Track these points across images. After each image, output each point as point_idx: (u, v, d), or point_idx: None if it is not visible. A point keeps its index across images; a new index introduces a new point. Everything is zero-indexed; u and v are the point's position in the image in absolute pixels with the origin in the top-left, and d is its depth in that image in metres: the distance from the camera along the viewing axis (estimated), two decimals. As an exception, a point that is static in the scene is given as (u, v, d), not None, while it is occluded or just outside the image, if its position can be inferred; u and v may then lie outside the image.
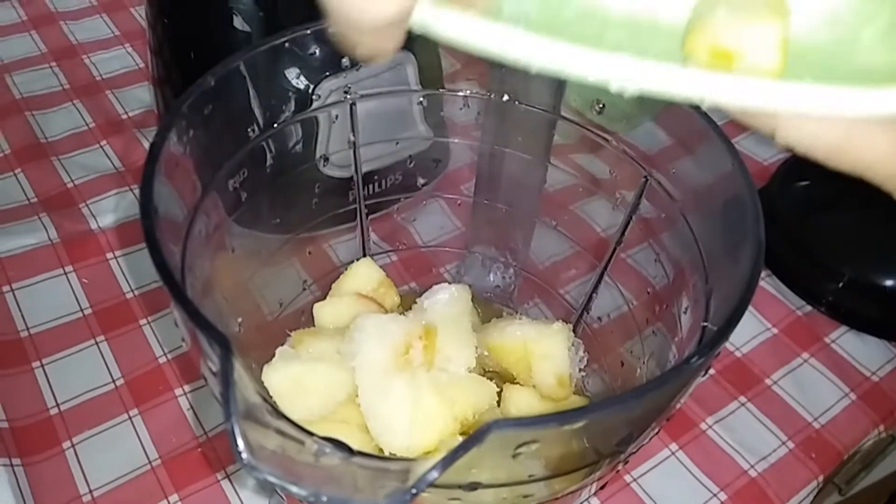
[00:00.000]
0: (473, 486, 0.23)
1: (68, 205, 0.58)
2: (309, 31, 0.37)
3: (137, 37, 0.74)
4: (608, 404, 0.22)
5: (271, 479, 0.20)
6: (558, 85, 0.38)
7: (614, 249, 0.40)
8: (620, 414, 0.23)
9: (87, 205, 0.58)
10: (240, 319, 0.37)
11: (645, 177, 0.36)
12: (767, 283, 0.58)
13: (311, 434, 0.22)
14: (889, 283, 0.55)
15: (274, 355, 0.36)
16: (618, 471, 0.29)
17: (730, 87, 0.20)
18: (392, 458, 0.22)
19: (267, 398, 0.29)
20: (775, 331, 0.55)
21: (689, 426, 0.49)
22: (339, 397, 0.35)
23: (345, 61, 0.39)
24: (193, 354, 0.25)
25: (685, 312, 0.33)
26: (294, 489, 0.20)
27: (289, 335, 0.39)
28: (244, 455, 0.20)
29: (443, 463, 0.21)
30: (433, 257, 0.53)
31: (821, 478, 0.48)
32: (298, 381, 0.35)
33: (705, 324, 0.28)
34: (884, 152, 0.25)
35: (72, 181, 0.60)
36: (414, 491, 0.20)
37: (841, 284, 0.56)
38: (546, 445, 0.22)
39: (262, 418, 0.22)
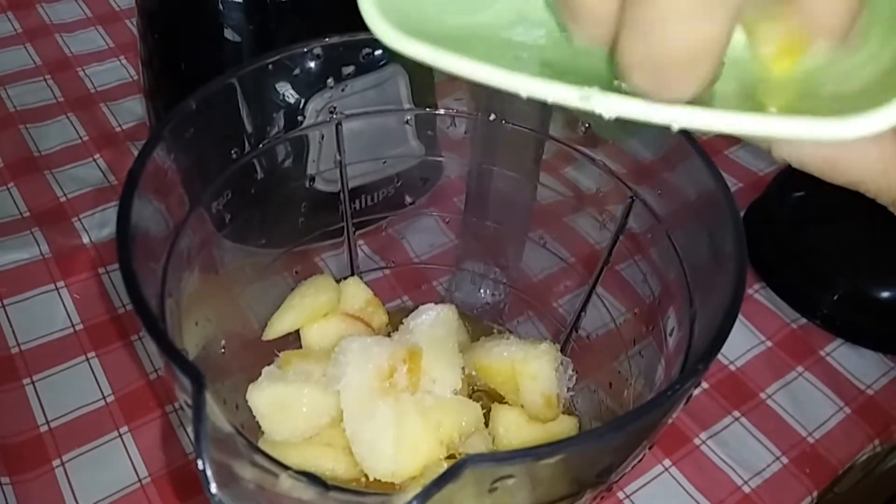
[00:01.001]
0: (451, 520, 0.23)
1: (61, 219, 0.58)
2: (290, 52, 0.36)
3: (132, 49, 0.74)
4: (585, 439, 0.22)
5: (243, 516, 0.20)
6: (544, 104, 0.38)
7: (602, 268, 0.40)
8: (598, 447, 0.22)
9: (79, 219, 0.58)
10: (224, 340, 0.36)
11: (631, 197, 0.36)
12: (761, 296, 0.58)
13: (286, 467, 0.22)
14: (885, 295, 0.55)
15: (261, 374, 0.36)
16: (603, 497, 0.29)
17: (709, 117, 0.20)
18: (367, 492, 0.22)
19: (244, 426, 0.29)
20: (769, 344, 0.55)
21: (682, 441, 0.49)
22: (324, 420, 0.34)
23: (330, 80, 0.39)
24: (168, 382, 0.25)
25: (671, 333, 0.33)
26: (266, 527, 0.20)
27: (276, 355, 0.39)
28: (215, 492, 0.20)
29: (419, 499, 0.21)
30: (425, 272, 0.53)
31: (815, 493, 0.47)
32: (283, 402, 0.34)
33: (688, 349, 0.27)
34: (874, 166, 0.25)
35: (64, 195, 0.60)
36: (388, 528, 0.20)
37: (836, 297, 0.56)
38: (523, 479, 0.22)
39: (237, 450, 0.22)
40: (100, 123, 0.67)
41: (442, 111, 0.41)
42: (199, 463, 0.20)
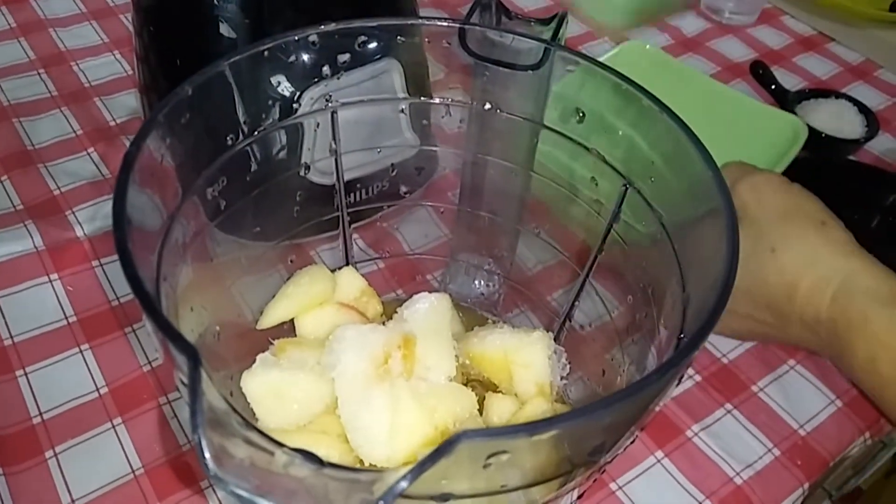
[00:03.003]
0: (445, 497, 0.23)
1: (54, 212, 0.58)
2: (294, 38, 0.36)
3: (126, 44, 0.74)
4: (578, 414, 0.22)
5: (238, 491, 0.20)
6: (539, 93, 0.38)
7: (595, 257, 0.40)
8: (590, 424, 0.23)
9: (73, 212, 0.58)
10: (218, 327, 0.37)
11: (625, 185, 0.36)
12: (754, 290, 0.58)
13: (280, 445, 0.22)
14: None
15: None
16: (595, 480, 0.29)
17: None
18: (362, 469, 0.22)
19: (237, 409, 0.29)
20: (761, 337, 0.55)
21: (674, 433, 0.49)
22: (318, 408, 0.34)
23: (325, 69, 0.39)
24: (166, 365, 0.25)
25: (663, 321, 0.33)
26: (262, 502, 0.20)
27: (271, 343, 0.39)
28: (210, 466, 0.20)
29: (412, 473, 0.21)
30: (419, 264, 0.53)
31: (806, 485, 0.48)
32: (277, 389, 0.34)
33: (681, 335, 0.28)
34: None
35: (58, 188, 0.60)
36: (383, 502, 0.20)
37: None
38: (517, 456, 0.22)
39: (232, 429, 0.22)
40: (93, 117, 0.67)
41: (437, 100, 0.41)
42: (196, 438, 0.20)
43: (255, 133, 0.37)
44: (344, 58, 0.39)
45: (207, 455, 0.20)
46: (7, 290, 0.53)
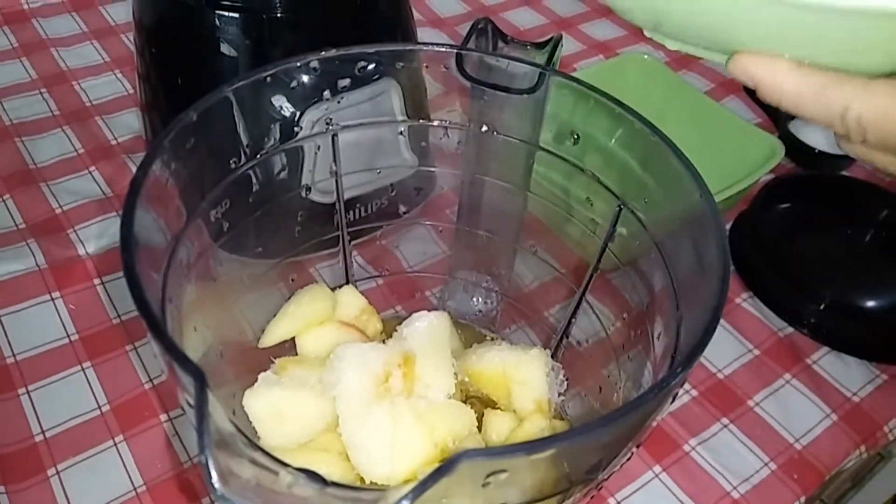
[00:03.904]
0: (446, 515, 0.24)
1: (56, 230, 0.59)
2: (289, 65, 0.37)
3: (127, 63, 0.75)
4: (576, 433, 0.22)
5: (244, 510, 0.21)
6: (535, 116, 0.39)
7: (591, 276, 0.41)
8: (587, 442, 0.23)
9: (74, 230, 0.59)
10: (221, 347, 0.37)
11: (619, 206, 0.37)
12: (749, 305, 0.59)
13: (285, 465, 0.23)
14: (870, 304, 0.56)
15: (257, 381, 0.37)
16: (592, 497, 0.30)
17: None
18: (364, 489, 0.23)
19: (242, 429, 0.29)
20: (757, 352, 0.56)
21: (671, 448, 0.49)
22: (319, 426, 0.35)
23: (326, 93, 0.40)
24: (171, 384, 0.26)
25: (658, 337, 0.33)
26: (266, 521, 0.21)
27: (273, 362, 0.40)
28: (217, 487, 0.21)
29: (414, 492, 0.21)
30: (418, 282, 0.54)
31: (803, 498, 0.48)
32: (279, 408, 0.35)
33: (675, 352, 0.28)
34: None
35: (60, 207, 0.60)
36: (385, 521, 0.21)
37: (822, 306, 0.57)
38: (516, 474, 0.23)
39: (237, 449, 0.23)
40: (95, 136, 0.67)
41: (435, 123, 0.42)
42: (202, 459, 0.21)
43: (258, 156, 0.38)
44: (344, 82, 0.40)
45: (214, 475, 0.21)
46: (9, 308, 0.53)
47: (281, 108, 0.41)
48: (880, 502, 0.67)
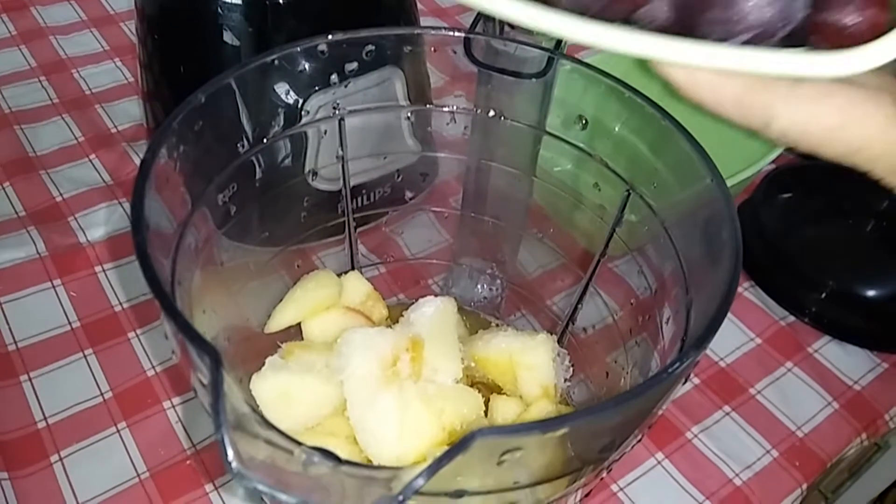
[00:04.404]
0: (459, 494, 0.24)
1: (57, 218, 0.58)
2: (298, 48, 0.37)
3: (127, 51, 0.75)
4: (590, 412, 0.22)
5: (261, 487, 0.21)
6: (543, 101, 0.39)
7: (598, 261, 0.41)
8: (602, 421, 0.23)
9: (75, 218, 0.58)
10: (227, 333, 0.37)
11: (627, 191, 0.37)
12: (751, 294, 0.59)
13: (299, 444, 0.23)
14: (871, 293, 0.57)
15: (262, 367, 0.37)
16: (602, 478, 0.30)
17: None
18: (378, 467, 0.23)
19: (255, 408, 0.29)
20: (759, 341, 0.56)
21: (674, 435, 0.50)
22: (326, 410, 0.35)
23: (333, 77, 0.40)
24: (184, 366, 0.26)
25: (667, 322, 0.33)
26: (283, 497, 0.21)
27: (279, 346, 0.40)
28: (234, 464, 0.21)
29: (429, 470, 0.21)
30: (421, 269, 0.54)
31: (804, 486, 0.48)
32: (286, 392, 0.35)
33: (685, 336, 0.28)
34: (874, 133, 0.26)
35: (60, 195, 0.60)
36: (401, 498, 0.21)
37: (824, 295, 0.57)
38: (530, 453, 0.23)
39: (252, 428, 0.23)
40: (95, 125, 0.67)
41: (444, 108, 0.42)
42: (219, 437, 0.21)
43: (265, 140, 0.38)
44: (352, 66, 0.39)
45: (231, 453, 0.21)
46: (10, 295, 0.53)
47: (288, 92, 0.40)
48: (877, 492, 0.67)
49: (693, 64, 0.24)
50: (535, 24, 0.25)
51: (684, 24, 0.24)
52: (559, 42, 0.37)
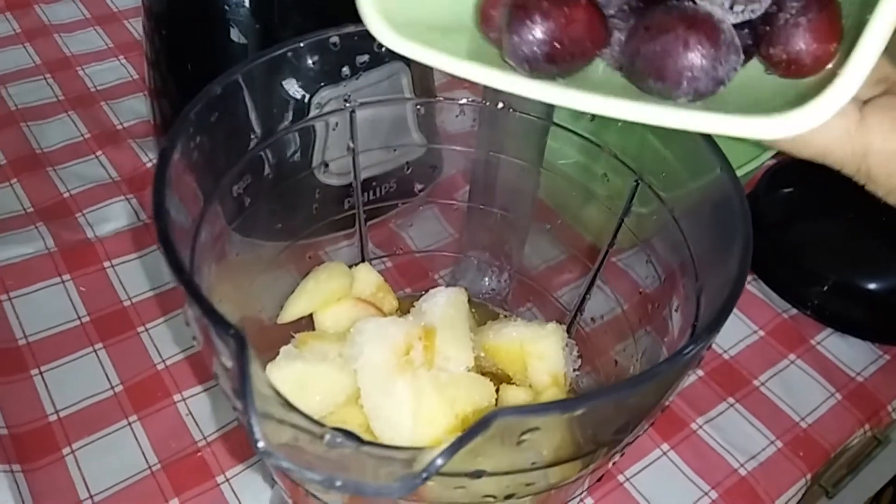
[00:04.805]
0: (478, 474, 0.24)
1: (65, 214, 0.59)
2: (306, 43, 0.37)
3: (131, 48, 0.75)
4: (608, 392, 0.23)
5: (288, 465, 0.21)
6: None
7: (606, 252, 0.41)
8: (619, 402, 0.24)
9: (83, 214, 0.59)
10: (241, 324, 0.37)
11: (636, 181, 0.37)
12: (754, 287, 0.59)
13: (322, 425, 0.23)
14: (873, 286, 0.57)
15: (276, 357, 0.37)
16: (614, 462, 0.30)
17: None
18: (399, 448, 0.23)
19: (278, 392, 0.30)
20: (762, 333, 0.56)
21: (679, 426, 0.50)
22: (340, 398, 0.35)
23: (344, 70, 0.40)
24: (206, 352, 0.26)
25: (676, 311, 0.34)
26: (310, 475, 0.21)
27: (293, 336, 0.40)
28: (261, 444, 0.21)
29: (450, 450, 0.22)
30: (428, 263, 0.54)
31: (808, 476, 0.49)
32: (301, 380, 0.35)
33: (696, 322, 0.29)
34: (837, 136, 0.27)
35: (68, 191, 0.61)
36: (425, 475, 0.21)
37: (826, 288, 0.57)
38: (548, 433, 0.23)
39: (276, 411, 0.23)
40: (100, 121, 0.67)
41: (454, 101, 0.42)
42: (247, 418, 0.21)
43: (278, 132, 0.38)
44: (363, 58, 0.40)
45: (258, 433, 0.21)
46: (20, 290, 0.53)
47: (300, 85, 0.41)
48: (878, 487, 0.67)
49: (637, 121, 0.26)
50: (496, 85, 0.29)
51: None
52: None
